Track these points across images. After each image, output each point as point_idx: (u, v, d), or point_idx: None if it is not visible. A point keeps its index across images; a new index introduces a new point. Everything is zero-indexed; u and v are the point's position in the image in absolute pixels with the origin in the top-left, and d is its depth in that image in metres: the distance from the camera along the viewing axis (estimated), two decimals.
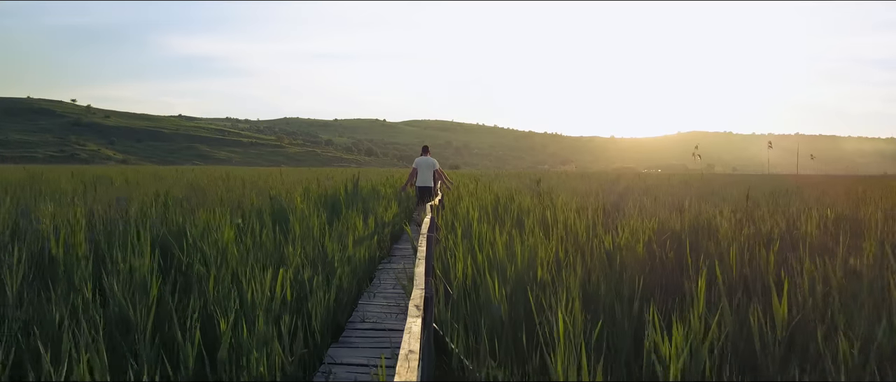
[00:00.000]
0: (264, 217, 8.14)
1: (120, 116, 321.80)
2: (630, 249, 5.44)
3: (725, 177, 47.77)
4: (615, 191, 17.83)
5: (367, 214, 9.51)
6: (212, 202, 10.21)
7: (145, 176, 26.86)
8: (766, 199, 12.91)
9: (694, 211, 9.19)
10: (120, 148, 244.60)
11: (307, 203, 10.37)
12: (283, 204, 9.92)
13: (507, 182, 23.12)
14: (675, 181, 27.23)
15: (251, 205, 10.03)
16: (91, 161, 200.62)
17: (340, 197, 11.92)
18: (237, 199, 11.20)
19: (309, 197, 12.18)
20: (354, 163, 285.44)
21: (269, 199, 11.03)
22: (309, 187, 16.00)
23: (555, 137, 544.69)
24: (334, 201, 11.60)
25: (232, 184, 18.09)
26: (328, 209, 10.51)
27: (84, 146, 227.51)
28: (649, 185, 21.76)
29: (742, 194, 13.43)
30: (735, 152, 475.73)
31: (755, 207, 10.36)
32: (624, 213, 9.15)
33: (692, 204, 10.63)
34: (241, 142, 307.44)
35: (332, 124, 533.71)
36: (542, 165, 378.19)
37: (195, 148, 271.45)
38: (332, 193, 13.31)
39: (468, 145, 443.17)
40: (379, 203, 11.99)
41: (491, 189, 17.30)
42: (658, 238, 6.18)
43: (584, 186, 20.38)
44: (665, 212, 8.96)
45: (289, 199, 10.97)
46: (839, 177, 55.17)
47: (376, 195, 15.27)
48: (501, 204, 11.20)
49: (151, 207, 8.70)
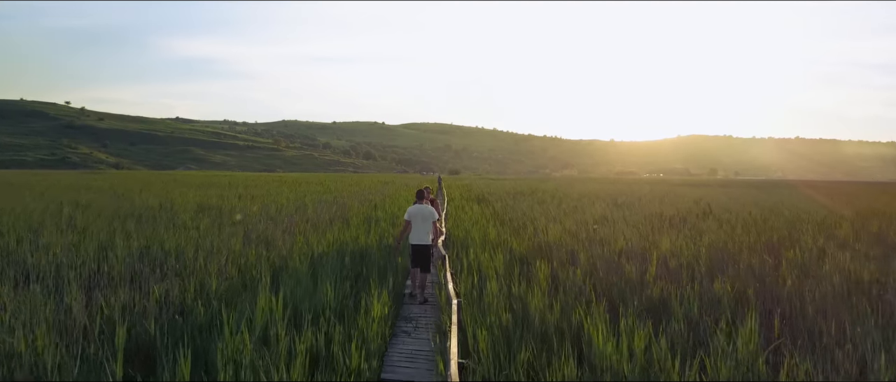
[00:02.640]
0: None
1: (114, 119, 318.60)
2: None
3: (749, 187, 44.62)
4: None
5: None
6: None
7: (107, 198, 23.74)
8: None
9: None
10: (113, 151, 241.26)
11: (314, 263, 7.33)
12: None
13: (523, 205, 19.56)
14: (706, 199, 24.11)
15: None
16: (83, 164, 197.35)
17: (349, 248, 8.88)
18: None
19: (310, 247, 9.19)
20: (352, 166, 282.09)
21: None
22: (307, 231, 12.66)
23: (554, 140, 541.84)
24: (344, 257, 8.62)
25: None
26: (338, 273, 7.55)
27: (76, 149, 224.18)
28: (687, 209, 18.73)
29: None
30: (736, 156, 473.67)
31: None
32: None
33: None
34: (238, 145, 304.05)
35: (331, 127, 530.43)
36: (542, 169, 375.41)
37: (190, 151, 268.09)
38: (339, 244, 10.37)
39: (467, 148, 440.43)
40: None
41: (508, 223, 14.14)
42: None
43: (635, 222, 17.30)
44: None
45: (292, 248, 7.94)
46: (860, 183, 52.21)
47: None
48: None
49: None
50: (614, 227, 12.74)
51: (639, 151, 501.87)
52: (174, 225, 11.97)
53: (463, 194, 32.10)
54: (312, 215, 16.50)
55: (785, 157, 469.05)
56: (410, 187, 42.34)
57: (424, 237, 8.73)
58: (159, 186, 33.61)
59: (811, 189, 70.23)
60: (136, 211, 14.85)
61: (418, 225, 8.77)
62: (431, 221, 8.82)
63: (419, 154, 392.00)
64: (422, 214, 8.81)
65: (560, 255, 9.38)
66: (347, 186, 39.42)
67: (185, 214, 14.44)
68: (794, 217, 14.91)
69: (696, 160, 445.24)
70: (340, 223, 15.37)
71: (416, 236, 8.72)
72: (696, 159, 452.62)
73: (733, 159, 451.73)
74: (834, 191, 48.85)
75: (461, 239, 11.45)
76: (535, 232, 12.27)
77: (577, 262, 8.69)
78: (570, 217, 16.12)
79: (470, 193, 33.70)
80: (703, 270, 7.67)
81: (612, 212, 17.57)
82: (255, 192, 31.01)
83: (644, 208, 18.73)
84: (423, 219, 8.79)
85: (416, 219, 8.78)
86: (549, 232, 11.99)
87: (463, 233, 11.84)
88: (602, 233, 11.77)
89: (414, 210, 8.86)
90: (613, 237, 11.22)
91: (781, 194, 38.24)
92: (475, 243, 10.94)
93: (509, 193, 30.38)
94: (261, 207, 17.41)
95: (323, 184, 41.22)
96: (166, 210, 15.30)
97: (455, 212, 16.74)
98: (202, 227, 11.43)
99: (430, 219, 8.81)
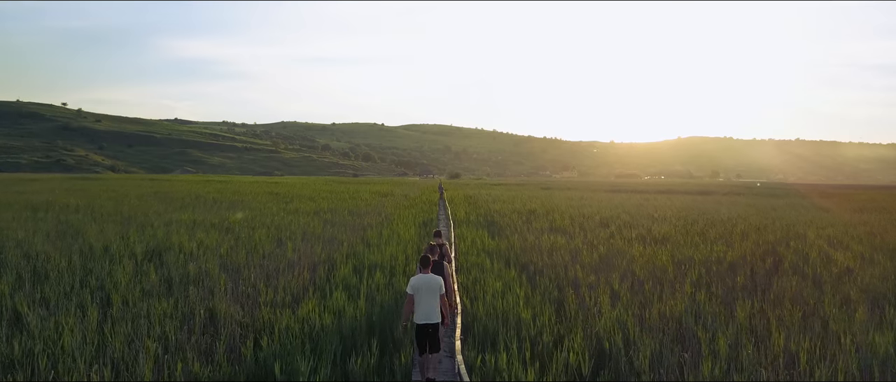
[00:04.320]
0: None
1: (111, 120, 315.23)
2: None
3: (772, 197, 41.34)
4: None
5: None
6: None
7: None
8: None
9: None
10: (109, 153, 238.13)
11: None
12: None
13: (543, 237, 15.96)
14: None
15: None
16: (77, 167, 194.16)
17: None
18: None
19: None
20: (351, 169, 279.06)
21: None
22: (275, 299, 9.76)
23: (554, 142, 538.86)
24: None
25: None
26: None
27: (71, 151, 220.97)
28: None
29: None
30: (737, 158, 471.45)
31: None
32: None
33: None
34: (236, 147, 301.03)
35: (330, 128, 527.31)
36: (542, 171, 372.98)
37: (188, 153, 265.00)
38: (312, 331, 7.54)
39: (467, 150, 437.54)
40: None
41: (538, 283, 11.08)
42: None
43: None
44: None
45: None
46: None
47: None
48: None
49: None
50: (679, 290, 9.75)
51: (639, 153, 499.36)
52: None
53: (468, 212, 29.17)
54: (293, 257, 13.56)
55: (785, 159, 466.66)
56: (411, 200, 39.42)
57: (432, 314, 7.24)
58: (131, 206, 30.74)
59: (823, 197, 67.21)
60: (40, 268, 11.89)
61: (424, 300, 7.24)
62: (439, 293, 7.27)
63: (419, 156, 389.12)
64: (428, 286, 7.26)
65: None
66: (342, 200, 36.53)
67: (121, 274, 11.50)
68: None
69: (697, 162, 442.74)
70: (325, 268, 12.46)
71: (422, 313, 7.22)
72: (697, 161, 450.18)
73: (734, 161, 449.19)
74: (852, 200, 45.24)
75: (484, 324, 8.49)
76: (582, 305, 9.31)
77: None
78: (615, 262, 13.25)
79: (476, 210, 30.78)
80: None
81: (658, 252, 14.64)
82: (238, 209, 28.08)
83: (696, 237, 15.69)
84: (429, 292, 7.25)
85: (420, 293, 7.24)
86: (604, 307, 9.03)
87: (486, 312, 8.87)
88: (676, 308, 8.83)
89: (418, 282, 7.28)
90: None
91: (807, 208, 35.36)
92: (509, 331, 8.02)
93: (521, 213, 27.43)
94: (230, 248, 14.44)
95: (316, 198, 38.23)
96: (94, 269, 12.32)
97: (466, 260, 13.77)
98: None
99: (438, 292, 7.27)
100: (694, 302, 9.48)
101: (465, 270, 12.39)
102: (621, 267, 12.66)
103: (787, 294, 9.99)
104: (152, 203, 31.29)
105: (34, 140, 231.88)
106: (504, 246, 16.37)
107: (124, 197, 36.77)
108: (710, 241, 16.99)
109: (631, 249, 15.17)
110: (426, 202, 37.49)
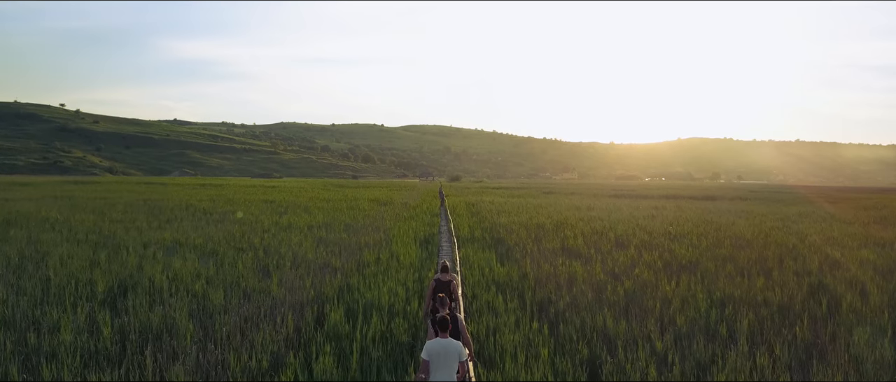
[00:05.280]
0: None
1: (109, 121, 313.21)
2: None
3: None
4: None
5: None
6: None
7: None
8: None
9: None
10: (107, 154, 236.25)
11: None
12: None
13: (557, 259, 13.94)
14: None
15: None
16: (75, 169, 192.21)
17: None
18: None
19: None
20: (351, 170, 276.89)
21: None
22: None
23: (554, 143, 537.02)
24: None
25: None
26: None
27: (69, 153, 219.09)
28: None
29: None
30: (737, 159, 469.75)
31: None
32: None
33: None
34: (235, 148, 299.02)
35: (330, 129, 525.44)
36: (542, 172, 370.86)
37: (186, 155, 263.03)
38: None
39: (467, 151, 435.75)
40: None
41: (568, 345, 9.46)
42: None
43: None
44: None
45: None
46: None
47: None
48: None
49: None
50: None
51: (638, 154, 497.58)
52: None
53: (472, 226, 27.48)
54: (278, 294, 11.92)
55: (785, 160, 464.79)
56: (411, 209, 37.74)
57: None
58: (113, 220, 29.16)
59: (832, 203, 65.59)
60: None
61: (440, 367, 6.21)
62: (458, 362, 6.28)
63: (418, 157, 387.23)
64: (445, 352, 6.26)
65: None
66: (339, 211, 34.88)
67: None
68: None
69: (697, 163, 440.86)
70: (313, 310, 10.82)
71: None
72: (697, 162, 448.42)
73: (734, 162, 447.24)
74: (861, 206, 43.35)
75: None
76: (620, 370, 7.66)
77: None
78: (646, 302, 11.66)
79: (480, 223, 29.10)
80: None
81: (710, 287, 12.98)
82: (230, 223, 26.39)
83: (727, 264, 13.97)
84: (446, 359, 6.23)
85: (437, 360, 6.24)
86: (650, 376, 7.37)
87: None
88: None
89: (435, 347, 6.29)
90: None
91: (821, 218, 33.70)
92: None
93: (528, 228, 25.75)
94: (207, 282, 12.74)
95: (311, 208, 36.54)
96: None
97: (475, 299, 12.11)
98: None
99: (457, 359, 6.28)
100: (758, 371, 7.81)
101: (474, 316, 10.71)
102: (655, 309, 11.00)
103: (867, 356, 8.31)
104: (137, 215, 29.60)
105: (31, 141, 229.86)
106: (515, 274, 14.71)
107: (111, 206, 35.02)
108: (743, 270, 15.32)
109: (659, 282, 13.49)
110: (427, 212, 35.81)
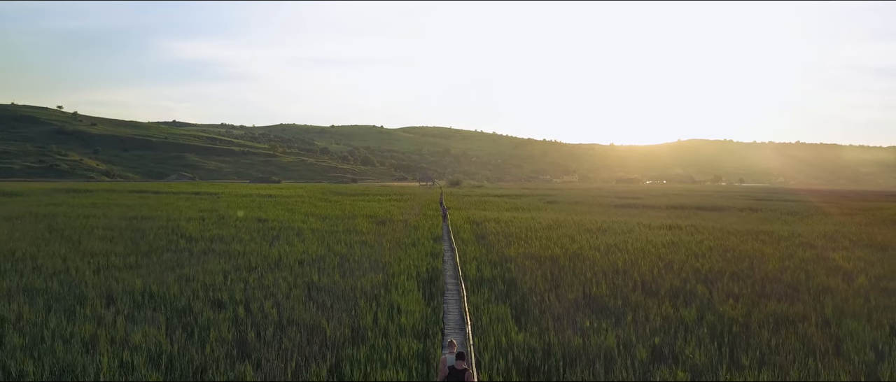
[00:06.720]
0: None
1: (107, 124, 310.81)
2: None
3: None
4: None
5: None
6: None
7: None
8: None
9: None
10: (104, 157, 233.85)
11: None
12: None
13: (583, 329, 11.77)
14: None
15: None
16: (72, 173, 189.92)
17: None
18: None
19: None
20: (350, 173, 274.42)
21: None
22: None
23: (554, 145, 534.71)
24: None
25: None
26: None
27: (65, 156, 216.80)
28: None
29: None
30: (737, 161, 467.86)
31: None
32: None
33: None
34: (233, 150, 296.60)
35: (329, 130, 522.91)
36: (542, 174, 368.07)
37: (184, 157, 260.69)
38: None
39: (466, 153, 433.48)
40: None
41: None
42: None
43: None
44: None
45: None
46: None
47: None
48: None
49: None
50: None
51: (638, 156, 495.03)
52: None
53: (479, 259, 25.29)
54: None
55: (786, 162, 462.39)
56: (411, 229, 35.52)
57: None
58: (83, 253, 26.95)
59: (847, 215, 63.37)
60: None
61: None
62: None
63: (418, 159, 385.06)
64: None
65: None
66: (334, 235, 32.70)
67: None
68: None
69: (697, 165, 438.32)
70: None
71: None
72: (697, 163, 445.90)
73: (734, 164, 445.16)
74: (875, 216, 41.10)
75: None
76: None
77: None
78: None
79: (488, 253, 26.90)
80: None
81: None
82: (216, 256, 24.12)
83: (782, 326, 11.81)
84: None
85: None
86: None
87: None
88: None
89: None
90: None
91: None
92: None
93: (541, 261, 23.52)
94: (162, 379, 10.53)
95: (304, 232, 34.27)
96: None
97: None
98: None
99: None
100: None
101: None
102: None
103: None
104: (116, 245, 27.28)
105: (28, 144, 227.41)
106: (538, 345, 12.55)
107: (90, 232, 32.17)
108: (807, 339, 13.10)
109: (716, 366, 11.26)
110: (429, 234, 33.58)
